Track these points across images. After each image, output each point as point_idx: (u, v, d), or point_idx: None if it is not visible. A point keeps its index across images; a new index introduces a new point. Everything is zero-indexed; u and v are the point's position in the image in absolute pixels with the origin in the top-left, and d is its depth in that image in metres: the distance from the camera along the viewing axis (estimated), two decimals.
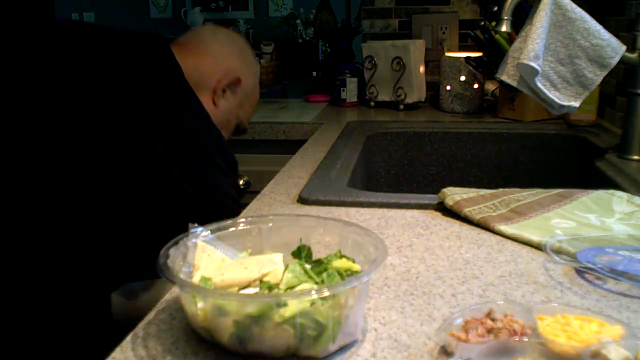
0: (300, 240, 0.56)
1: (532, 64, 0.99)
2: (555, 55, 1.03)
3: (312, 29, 2.97)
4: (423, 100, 1.69)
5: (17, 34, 0.80)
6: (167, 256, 0.49)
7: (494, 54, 1.43)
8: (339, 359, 0.46)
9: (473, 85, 1.57)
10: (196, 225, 0.55)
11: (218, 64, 0.93)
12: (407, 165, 1.45)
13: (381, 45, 1.67)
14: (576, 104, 1.06)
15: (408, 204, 0.84)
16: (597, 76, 1.03)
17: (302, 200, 0.86)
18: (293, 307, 0.43)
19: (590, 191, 0.84)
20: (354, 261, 0.52)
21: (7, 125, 0.73)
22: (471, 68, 1.54)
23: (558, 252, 0.64)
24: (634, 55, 1.04)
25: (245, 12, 5.35)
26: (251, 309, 0.44)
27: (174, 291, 0.58)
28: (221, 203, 0.86)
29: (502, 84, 1.40)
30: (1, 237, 0.70)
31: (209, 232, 0.55)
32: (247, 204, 0.86)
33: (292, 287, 0.47)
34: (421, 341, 0.48)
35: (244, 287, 0.50)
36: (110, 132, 0.73)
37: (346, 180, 0.98)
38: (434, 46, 1.75)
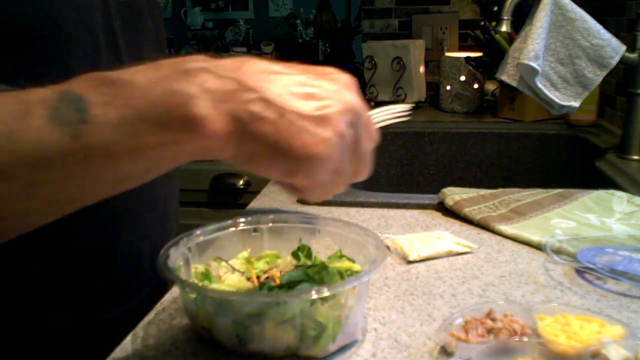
0: (300, 240, 0.56)
1: (532, 64, 0.99)
2: (555, 55, 1.03)
3: (312, 29, 2.97)
4: (423, 100, 1.69)
5: None
6: (167, 256, 0.49)
7: (494, 54, 1.43)
8: (339, 359, 0.47)
9: (473, 85, 1.57)
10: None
11: None
12: (407, 165, 1.45)
13: (381, 45, 1.67)
14: (576, 104, 1.06)
15: (408, 204, 0.84)
16: (597, 76, 1.03)
17: (302, 200, 0.86)
18: (293, 307, 0.43)
19: (590, 191, 0.84)
20: (354, 261, 0.52)
21: None
22: (471, 68, 1.54)
23: (558, 252, 0.64)
24: (634, 55, 1.04)
25: (245, 12, 5.35)
26: (251, 309, 0.44)
27: (174, 291, 0.58)
28: None
29: (502, 84, 1.40)
30: None
31: (209, 232, 0.55)
32: (247, 204, 0.86)
33: (292, 287, 0.47)
34: (421, 341, 0.48)
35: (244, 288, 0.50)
36: None
37: None
38: (434, 46, 1.75)
